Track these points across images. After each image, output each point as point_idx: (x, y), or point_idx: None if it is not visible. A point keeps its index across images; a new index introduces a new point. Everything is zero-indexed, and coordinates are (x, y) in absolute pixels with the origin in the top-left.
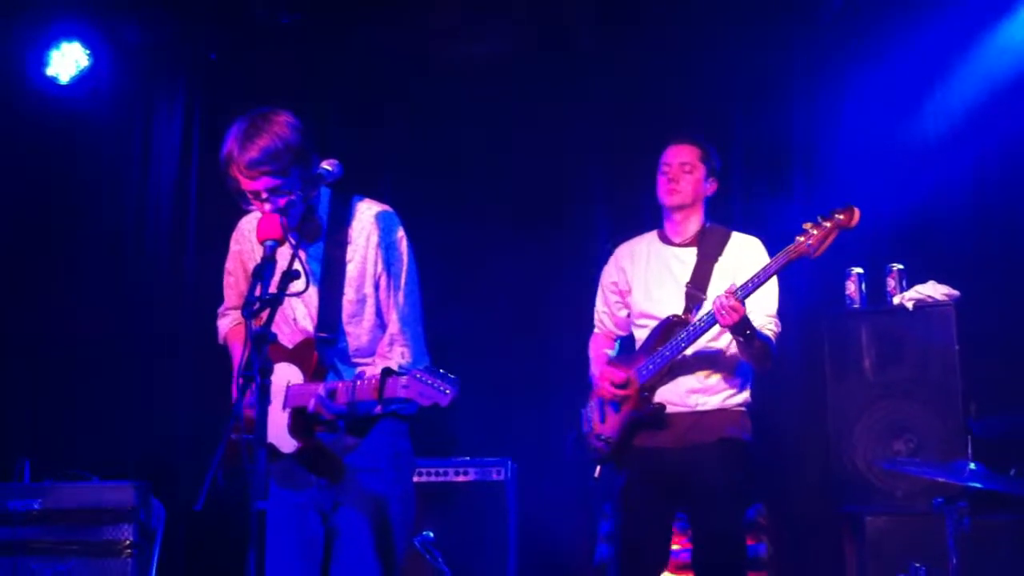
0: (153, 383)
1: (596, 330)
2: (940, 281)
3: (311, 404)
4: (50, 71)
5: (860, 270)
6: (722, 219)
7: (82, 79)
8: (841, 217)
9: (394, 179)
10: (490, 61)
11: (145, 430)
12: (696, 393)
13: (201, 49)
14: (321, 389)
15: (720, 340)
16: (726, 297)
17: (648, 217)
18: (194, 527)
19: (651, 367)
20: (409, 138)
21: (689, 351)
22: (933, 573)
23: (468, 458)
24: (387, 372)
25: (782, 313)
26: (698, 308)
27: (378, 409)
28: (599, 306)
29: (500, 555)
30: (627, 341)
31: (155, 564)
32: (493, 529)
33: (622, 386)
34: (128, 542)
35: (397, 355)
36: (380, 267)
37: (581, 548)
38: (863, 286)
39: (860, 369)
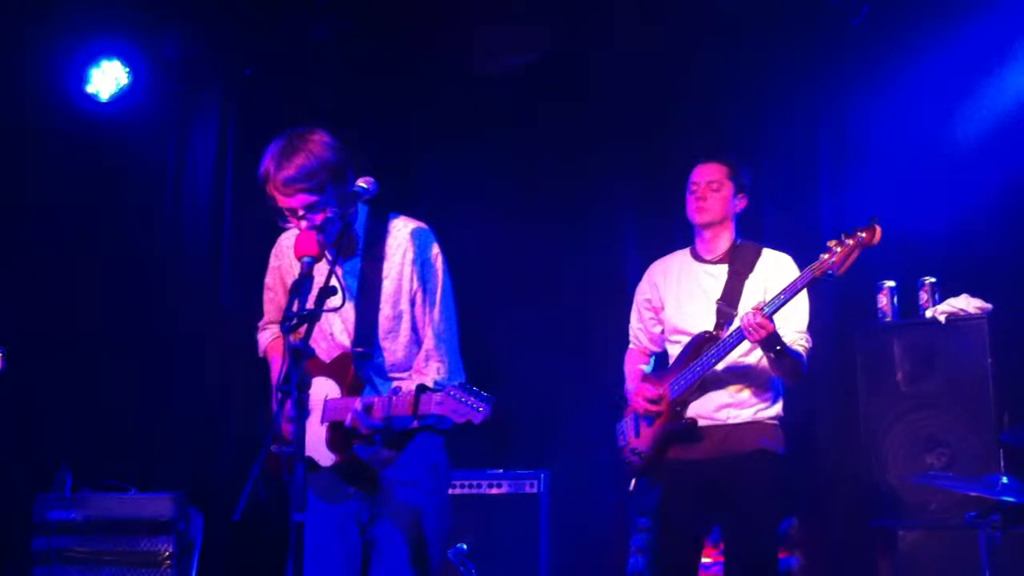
0: (192, 395)
1: (631, 346)
2: (973, 294)
3: (348, 419)
4: (91, 88)
5: (892, 283)
6: (752, 233)
7: (122, 96)
8: (863, 235)
9: (429, 195)
10: (523, 74)
11: (184, 441)
12: (727, 407)
13: (237, 65)
14: (358, 404)
15: (751, 355)
16: (753, 314)
17: (680, 232)
18: (233, 538)
19: (682, 383)
20: (443, 153)
21: (720, 366)
22: None
23: (502, 471)
24: (421, 389)
25: (814, 326)
26: (729, 324)
27: (414, 424)
28: (634, 322)
29: (533, 567)
30: (662, 357)
31: (194, 574)
32: (526, 541)
33: (655, 401)
34: (167, 553)
35: (433, 371)
36: (416, 283)
37: (613, 561)
38: (895, 299)
39: (893, 383)
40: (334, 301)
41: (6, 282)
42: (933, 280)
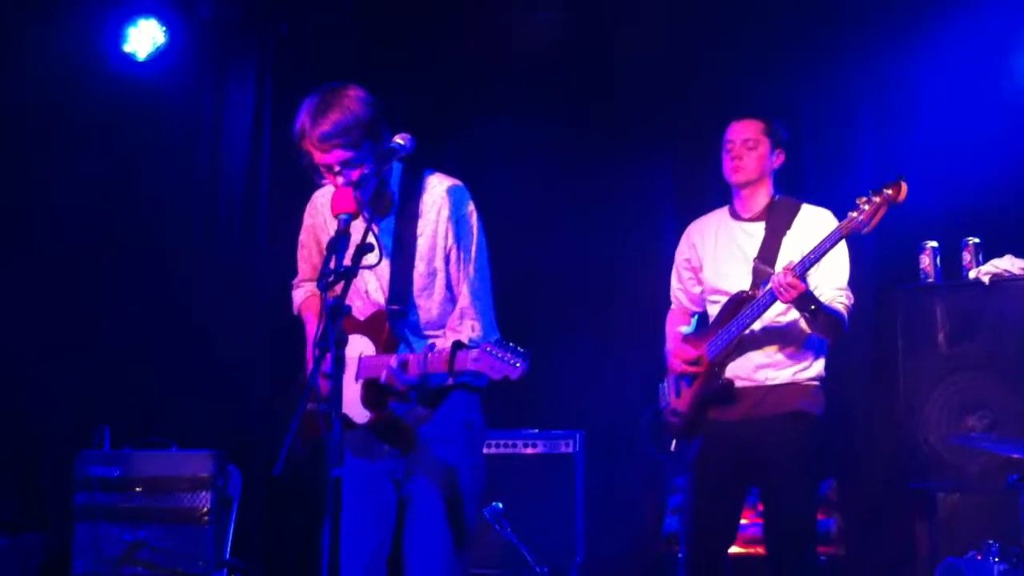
0: (229, 353)
1: (672, 306)
2: (1018, 255)
3: (383, 376)
4: (127, 48)
5: (935, 244)
6: (794, 190)
7: (158, 56)
8: (889, 192)
9: (465, 152)
10: (558, 33)
11: (222, 399)
12: (765, 368)
13: (272, 23)
14: (393, 361)
15: (788, 315)
16: (783, 275)
17: (716, 191)
18: (271, 494)
19: (719, 343)
20: (480, 112)
21: (757, 326)
22: (1007, 551)
23: (537, 430)
24: (458, 345)
25: (854, 287)
26: (766, 283)
27: (449, 381)
28: (674, 283)
29: (568, 527)
30: (703, 318)
31: (232, 531)
32: (562, 501)
33: (693, 363)
34: (206, 509)
35: (467, 328)
36: (450, 241)
37: (649, 521)
38: (938, 260)
39: (934, 344)
40: (371, 258)
41: (44, 243)
42: (977, 240)
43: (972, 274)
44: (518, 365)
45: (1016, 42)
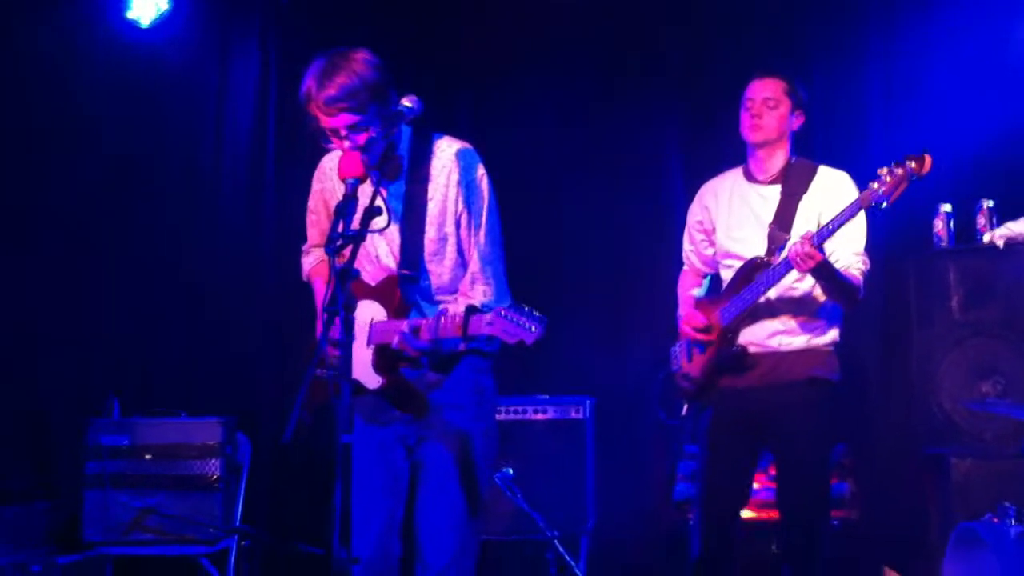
0: (238, 320)
1: (684, 267)
2: None
3: (395, 341)
4: (131, 14)
5: (948, 207)
6: (802, 152)
7: (162, 22)
8: (913, 165)
9: (472, 116)
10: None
11: (231, 366)
12: (779, 335)
13: None
14: (405, 326)
15: (803, 282)
16: (801, 244)
17: (729, 153)
18: (280, 461)
19: (733, 310)
20: (487, 75)
21: (771, 293)
22: (1023, 515)
23: (547, 396)
24: (471, 309)
25: (867, 252)
26: (782, 249)
27: (462, 347)
28: (686, 245)
29: (579, 493)
30: (716, 280)
31: (242, 498)
32: (572, 467)
33: (704, 330)
34: (215, 476)
35: (479, 293)
36: (461, 205)
37: (660, 487)
38: (951, 224)
39: (947, 309)
40: (379, 222)
41: (49, 211)
42: (991, 203)
43: (986, 238)
44: (533, 329)
45: None
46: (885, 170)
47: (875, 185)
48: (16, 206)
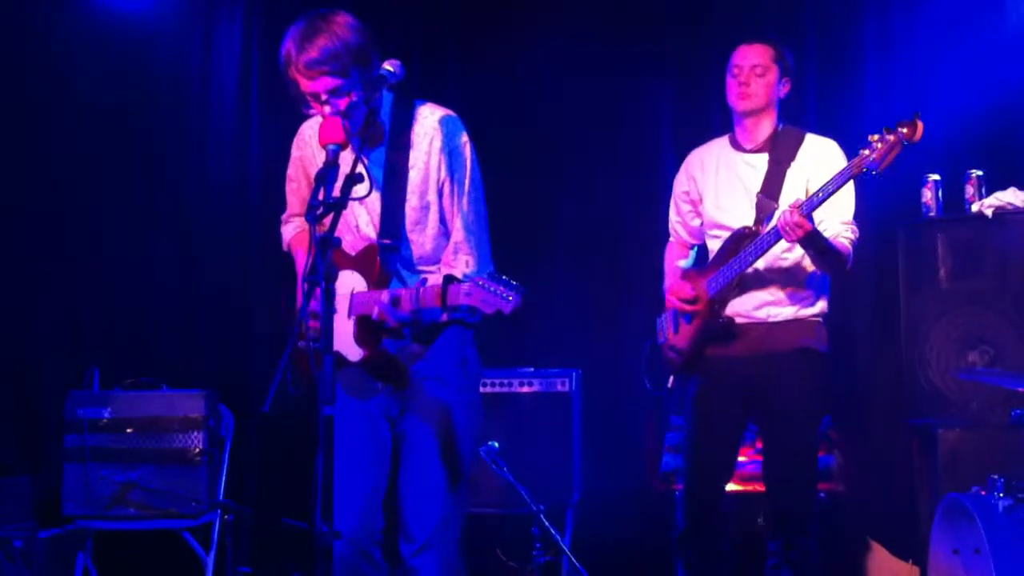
0: (221, 293)
1: (671, 239)
2: (1021, 187)
3: (375, 312)
4: None
5: (937, 177)
6: (795, 120)
7: None
8: (904, 131)
9: (457, 84)
10: None
11: (214, 338)
12: (768, 306)
13: None
14: (385, 296)
15: (792, 251)
16: (790, 213)
17: (718, 121)
18: (263, 435)
19: (720, 280)
20: (473, 42)
21: (759, 264)
22: (1012, 485)
23: (533, 369)
24: (449, 279)
25: (855, 221)
26: (770, 218)
27: (444, 317)
28: (672, 216)
29: (566, 466)
30: (702, 251)
31: (225, 471)
32: (558, 440)
33: (691, 301)
34: (198, 449)
35: (461, 263)
36: (443, 173)
37: (646, 459)
38: (940, 193)
39: (935, 279)
40: (361, 190)
41: (33, 188)
42: (980, 173)
43: (975, 207)
44: (511, 299)
45: None
46: (876, 137)
47: (866, 152)
48: None
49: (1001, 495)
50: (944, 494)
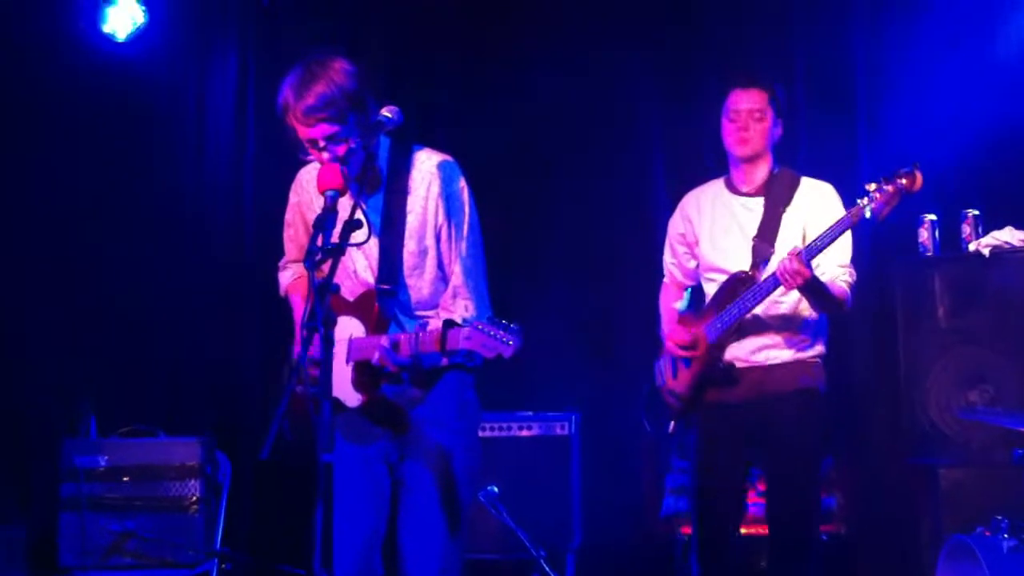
0: (217, 338)
1: (665, 279)
2: (1018, 227)
3: (375, 357)
4: (107, 28)
5: (933, 217)
6: (787, 160)
7: (139, 35)
8: (904, 182)
9: (452, 127)
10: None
11: (210, 385)
12: (766, 349)
13: None
14: (385, 341)
15: (788, 296)
16: (789, 261)
17: (711, 162)
18: (261, 481)
19: (719, 326)
20: (467, 85)
21: (757, 309)
22: (1016, 526)
23: (532, 413)
24: (448, 324)
25: (853, 261)
26: (766, 262)
27: (444, 361)
28: (667, 257)
29: (565, 510)
30: (697, 292)
31: (222, 518)
32: (558, 484)
33: (689, 347)
34: (195, 497)
35: (460, 308)
36: (441, 218)
37: (646, 502)
38: (937, 233)
39: (933, 318)
40: (359, 235)
41: (28, 227)
42: (976, 213)
43: (972, 247)
44: (510, 343)
45: (1012, 7)
46: (874, 186)
47: (863, 201)
48: None
49: (1006, 536)
50: (946, 534)
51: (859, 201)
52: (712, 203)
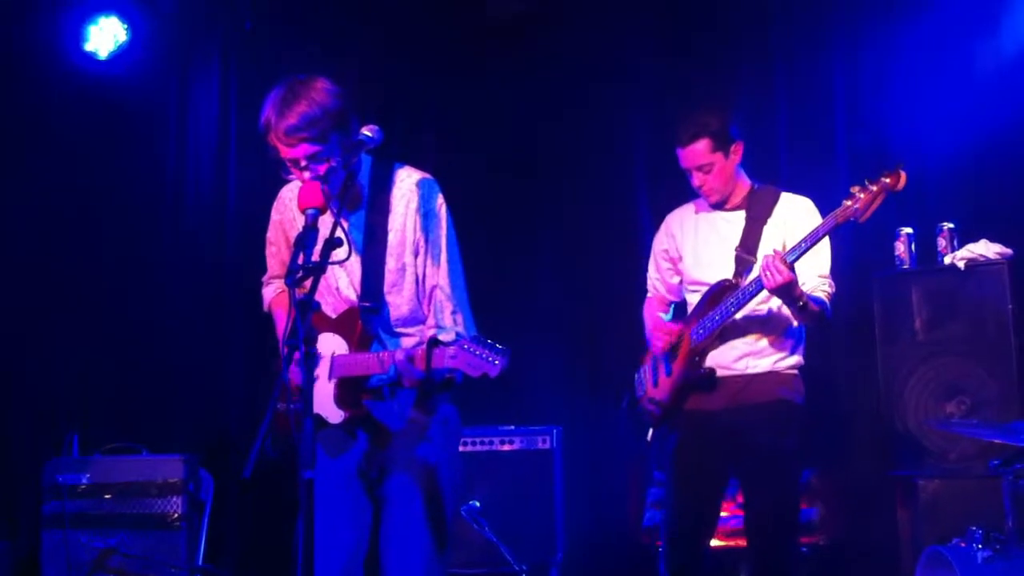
0: (200, 355)
1: (649, 294)
2: (992, 239)
3: (391, 370)
4: (89, 47)
5: (910, 230)
6: (770, 175)
7: (121, 54)
8: (888, 181)
9: (435, 146)
10: (528, 21)
11: (193, 402)
12: (746, 357)
13: (236, 19)
14: (401, 355)
15: (771, 302)
16: (773, 257)
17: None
18: (243, 498)
19: (702, 331)
20: (449, 105)
21: (739, 315)
22: (991, 536)
23: (514, 427)
24: (434, 343)
25: (832, 274)
26: (748, 272)
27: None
28: (651, 272)
29: (548, 524)
30: (681, 306)
31: (204, 535)
32: (540, 498)
33: (676, 338)
34: (177, 514)
35: (448, 320)
36: (419, 233)
37: (628, 515)
38: (913, 246)
39: (911, 330)
40: (340, 253)
41: (8, 245)
42: (951, 226)
43: (947, 259)
44: (496, 362)
45: (987, 25)
46: (857, 187)
47: (848, 202)
48: None
49: (980, 546)
50: (926, 544)
51: (844, 202)
52: (695, 220)
